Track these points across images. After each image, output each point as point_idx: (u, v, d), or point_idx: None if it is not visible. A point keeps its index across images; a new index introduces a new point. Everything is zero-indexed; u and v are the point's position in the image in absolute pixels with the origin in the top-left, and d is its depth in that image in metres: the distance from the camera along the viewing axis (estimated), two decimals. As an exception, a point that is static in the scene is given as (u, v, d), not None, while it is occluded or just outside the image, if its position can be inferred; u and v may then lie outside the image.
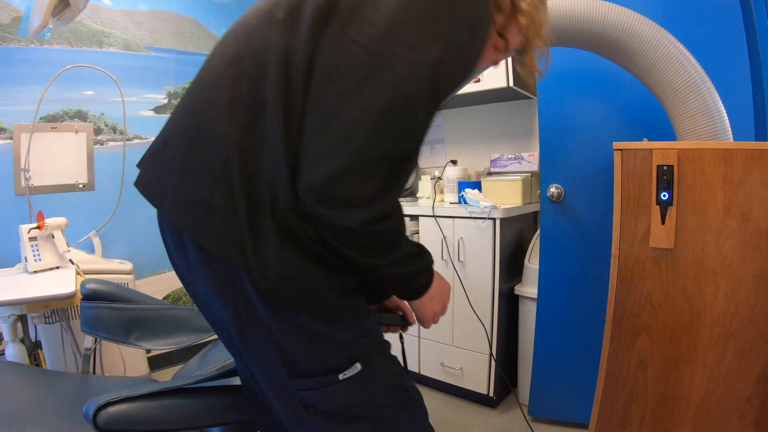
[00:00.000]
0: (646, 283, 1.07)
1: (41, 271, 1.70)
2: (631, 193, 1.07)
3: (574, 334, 1.69)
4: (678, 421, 1.05)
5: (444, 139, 2.55)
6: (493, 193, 1.96)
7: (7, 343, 1.47)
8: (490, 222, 1.78)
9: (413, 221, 2.03)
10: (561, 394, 1.73)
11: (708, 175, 1.00)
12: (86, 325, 1.21)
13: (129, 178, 2.33)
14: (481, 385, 1.87)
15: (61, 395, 1.11)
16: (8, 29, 1.99)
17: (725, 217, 0.99)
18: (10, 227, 1.87)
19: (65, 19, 1.69)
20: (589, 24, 1.14)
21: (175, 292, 2.52)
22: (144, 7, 2.43)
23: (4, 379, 1.14)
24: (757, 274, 0.96)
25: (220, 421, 0.85)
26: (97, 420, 0.69)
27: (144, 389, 0.76)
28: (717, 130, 1.10)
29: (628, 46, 1.13)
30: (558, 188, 1.68)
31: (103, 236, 2.23)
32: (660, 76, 1.13)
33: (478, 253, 1.83)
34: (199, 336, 1.32)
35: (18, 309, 1.45)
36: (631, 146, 1.07)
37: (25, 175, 1.99)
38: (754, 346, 0.97)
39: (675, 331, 1.05)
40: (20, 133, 2.00)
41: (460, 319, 1.91)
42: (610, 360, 1.12)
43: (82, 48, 2.21)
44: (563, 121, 1.67)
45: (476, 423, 1.80)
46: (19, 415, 0.97)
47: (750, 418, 0.99)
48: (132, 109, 2.37)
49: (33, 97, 2.03)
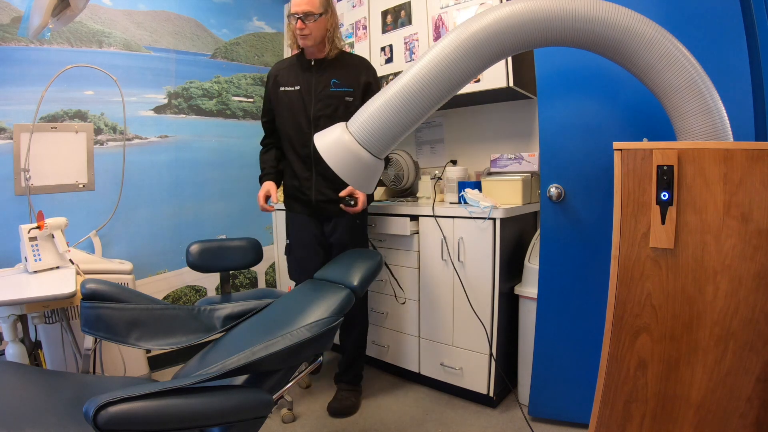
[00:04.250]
0: (646, 283, 1.07)
1: (41, 271, 1.70)
2: (631, 193, 1.07)
3: (574, 334, 1.69)
4: (678, 421, 1.05)
5: (444, 139, 2.55)
6: (493, 193, 1.96)
7: (7, 343, 1.47)
8: (490, 222, 1.78)
9: (413, 221, 2.03)
10: (561, 394, 1.73)
11: (708, 175, 1.00)
12: (86, 325, 1.21)
13: (129, 178, 2.33)
14: (481, 385, 1.87)
15: (61, 395, 1.11)
16: (8, 29, 1.99)
17: (725, 217, 0.98)
18: (10, 227, 1.88)
19: (65, 19, 1.69)
20: (589, 24, 1.13)
21: (175, 292, 2.52)
22: (144, 7, 2.43)
23: (4, 379, 1.14)
24: (757, 274, 0.96)
25: (220, 421, 0.85)
26: (97, 420, 0.69)
27: (144, 389, 0.75)
28: (717, 130, 1.10)
29: (628, 46, 1.13)
30: (558, 188, 1.68)
31: (103, 236, 2.23)
32: (660, 76, 1.13)
33: (478, 253, 1.83)
34: (198, 336, 1.32)
35: (18, 309, 1.45)
36: (631, 146, 1.07)
37: (25, 175, 2.00)
38: (754, 346, 0.97)
39: (675, 331, 1.05)
40: (20, 133, 2.01)
41: (460, 319, 1.91)
42: (610, 360, 1.12)
43: (82, 48, 2.21)
44: (563, 121, 1.67)
45: (476, 423, 1.80)
46: (19, 415, 0.97)
47: (750, 418, 0.99)
48: (132, 109, 2.37)
49: (33, 97, 2.03)
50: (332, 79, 1.82)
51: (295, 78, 1.84)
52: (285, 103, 1.85)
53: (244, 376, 1.04)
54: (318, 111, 1.81)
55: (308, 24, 1.72)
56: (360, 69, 1.87)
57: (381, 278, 2.16)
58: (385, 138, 1.29)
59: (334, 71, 1.83)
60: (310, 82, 1.83)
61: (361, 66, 1.89)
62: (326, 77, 1.82)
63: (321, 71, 1.83)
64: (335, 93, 1.81)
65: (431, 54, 1.22)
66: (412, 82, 1.23)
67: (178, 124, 2.55)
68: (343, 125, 1.34)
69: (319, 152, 1.34)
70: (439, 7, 2.10)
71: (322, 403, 1.96)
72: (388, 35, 2.33)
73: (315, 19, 1.72)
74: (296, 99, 1.83)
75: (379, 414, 1.90)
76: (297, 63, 1.87)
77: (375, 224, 2.13)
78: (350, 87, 1.83)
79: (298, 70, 1.85)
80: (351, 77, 1.84)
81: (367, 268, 1.37)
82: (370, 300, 2.24)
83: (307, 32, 1.73)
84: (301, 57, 1.87)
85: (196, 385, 0.84)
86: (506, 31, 1.18)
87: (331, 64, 1.83)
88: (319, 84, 1.82)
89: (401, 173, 2.40)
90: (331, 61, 1.83)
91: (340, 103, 1.82)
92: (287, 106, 1.85)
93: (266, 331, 1.20)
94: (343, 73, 1.83)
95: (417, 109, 1.25)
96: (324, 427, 1.81)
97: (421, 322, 2.06)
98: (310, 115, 1.82)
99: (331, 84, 1.81)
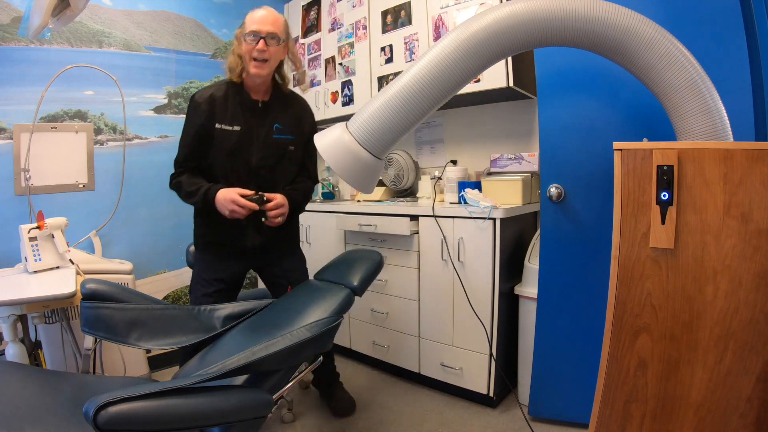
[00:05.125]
0: (646, 283, 1.07)
1: (41, 271, 1.70)
2: (631, 193, 1.07)
3: (574, 334, 1.69)
4: (678, 421, 1.05)
5: (444, 139, 2.55)
6: (493, 193, 1.96)
7: (7, 343, 1.47)
8: (490, 222, 1.78)
9: (413, 221, 2.03)
10: (561, 394, 1.73)
11: (708, 175, 1.00)
12: (86, 325, 1.21)
13: (129, 178, 2.33)
14: (481, 385, 1.87)
15: (61, 395, 1.11)
16: (8, 29, 1.99)
17: (725, 217, 0.99)
18: (10, 227, 1.88)
19: (65, 19, 1.69)
20: (589, 24, 1.14)
21: (175, 292, 2.52)
22: (144, 7, 2.43)
23: (4, 379, 1.14)
24: (757, 274, 0.96)
25: (220, 421, 0.85)
26: (97, 420, 0.69)
27: (144, 389, 0.75)
28: (717, 130, 1.10)
29: (628, 46, 1.13)
30: (558, 188, 1.68)
31: (103, 236, 2.23)
32: (660, 76, 1.13)
33: (478, 253, 1.83)
34: (198, 336, 1.32)
35: (18, 309, 1.45)
36: (631, 146, 1.07)
37: (25, 175, 2.00)
38: (754, 346, 0.97)
39: (675, 331, 1.05)
40: (20, 133, 2.01)
41: (460, 319, 1.91)
42: (610, 360, 1.12)
43: (82, 48, 2.21)
44: (563, 121, 1.67)
45: (476, 423, 1.80)
46: (19, 415, 0.97)
47: (750, 418, 0.99)
48: (132, 109, 2.37)
49: (33, 97, 2.03)
50: (275, 123, 1.60)
51: (233, 116, 1.55)
52: (220, 143, 1.54)
53: (244, 376, 1.04)
54: (261, 161, 1.58)
55: (270, 48, 1.48)
56: (303, 116, 1.69)
57: (381, 278, 2.16)
58: (385, 138, 1.29)
59: (277, 114, 1.61)
60: (252, 126, 1.57)
61: (304, 112, 1.70)
62: (269, 120, 1.60)
63: (264, 112, 1.60)
64: (279, 140, 1.60)
65: (431, 54, 1.22)
66: (412, 82, 1.23)
67: (178, 124, 2.53)
68: (343, 125, 1.34)
69: (319, 152, 1.34)
70: (439, 7, 2.10)
71: (322, 403, 1.96)
72: (388, 35, 2.33)
73: (278, 44, 1.50)
74: (235, 142, 1.54)
75: (379, 414, 1.90)
76: (236, 97, 1.57)
77: (375, 225, 2.13)
78: (292, 135, 1.64)
79: (238, 108, 1.56)
80: (293, 124, 1.64)
81: (367, 268, 1.37)
82: (371, 300, 2.24)
83: (267, 56, 1.48)
84: (241, 91, 1.57)
85: (196, 385, 0.84)
86: (506, 31, 1.18)
87: (273, 104, 1.62)
88: (261, 129, 1.58)
89: (401, 173, 2.40)
90: (273, 99, 1.62)
91: (284, 152, 1.62)
92: (223, 148, 1.54)
93: (266, 331, 1.20)
94: (285, 117, 1.63)
95: (417, 109, 1.25)
96: (324, 427, 1.81)
97: (421, 322, 2.06)
98: (252, 165, 1.57)
99: (273, 129, 1.60)
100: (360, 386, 2.15)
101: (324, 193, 2.91)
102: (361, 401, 1.97)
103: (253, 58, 1.49)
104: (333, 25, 2.64)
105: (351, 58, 2.54)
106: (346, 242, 2.37)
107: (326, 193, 2.89)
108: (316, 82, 2.80)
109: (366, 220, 2.17)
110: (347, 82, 2.57)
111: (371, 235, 2.20)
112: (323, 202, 2.65)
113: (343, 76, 2.59)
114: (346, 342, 2.42)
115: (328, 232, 2.43)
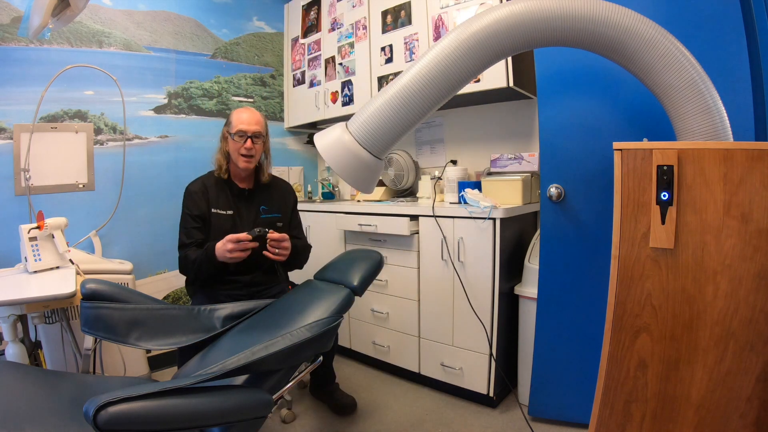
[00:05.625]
0: (646, 283, 1.07)
1: (41, 271, 1.70)
2: (631, 193, 1.07)
3: (574, 334, 1.69)
4: (678, 421, 1.05)
5: (444, 139, 2.55)
6: (493, 193, 1.96)
7: (7, 343, 1.47)
8: (490, 222, 1.78)
9: (413, 221, 2.03)
10: (561, 394, 1.73)
11: (708, 175, 1.00)
12: (86, 325, 1.21)
13: (129, 178, 2.33)
14: (481, 385, 1.87)
15: (61, 395, 1.11)
16: (8, 29, 1.99)
17: (725, 217, 0.99)
18: (10, 227, 1.88)
19: (65, 19, 1.69)
20: (589, 24, 1.14)
21: (175, 292, 2.52)
22: (144, 7, 2.43)
23: (4, 379, 1.14)
24: (757, 274, 0.96)
25: (220, 420, 0.85)
26: (97, 420, 0.69)
27: (144, 389, 0.75)
28: (717, 130, 1.10)
29: (628, 46, 1.13)
30: (558, 188, 1.68)
31: (103, 236, 2.23)
32: (660, 76, 1.13)
33: (478, 253, 1.83)
34: (198, 336, 1.32)
35: (18, 309, 1.45)
36: (631, 146, 1.07)
37: (25, 175, 2.00)
38: (754, 346, 0.97)
39: (675, 331, 1.05)
40: (20, 133, 2.01)
41: (460, 319, 1.91)
42: (610, 360, 1.12)
43: (82, 48, 2.21)
44: (563, 121, 1.67)
45: (476, 423, 1.80)
46: (19, 415, 0.97)
47: (750, 418, 0.99)
48: (132, 109, 2.37)
49: (33, 97, 2.03)
50: (261, 206, 1.80)
51: (225, 202, 1.75)
52: (217, 225, 1.71)
53: (244, 376, 1.04)
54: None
55: (256, 145, 1.70)
56: (285, 195, 1.88)
57: (381, 278, 2.16)
58: (385, 138, 1.29)
59: (261, 198, 1.81)
60: (241, 209, 1.77)
61: (285, 192, 1.90)
62: (255, 205, 1.79)
63: (251, 198, 1.80)
64: (267, 219, 1.79)
65: (431, 54, 1.22)
66: (412, 82, 1.23)
67: (178, 124, 2.55)
68: (343, 125, 1.34)
69: (319, 152, 1.34)
70: (439, 7, 2.10)
71: (322, 403, 1.96)
72: (388, 35, 2.33)
73: (261, 141, 1.73)
74: (230, 224, 1.72)
75: (379, 414, 1.90)
76: (225, 187, 1.77)
77: (375, 225, 2.13)
78: (278, 212, 1.83)
79: (229, 195, 1.77)
80: (278, 203, 1.84)
81: (367, 268, 1.37)
82: (371, 300, 2.24)
83: (254, 152, 1.70)
84: (229, 181, 1.79)
85: (196, 385, 0.84)
86: (506, 31, 1.18)
87: (256, 190, 1.82)
88: (250, 212, 1.78)
89: (401, 173, 2.40)
90: (256, 186, 1.82)
91: (273, 227, 1.72)
92: (220, 229, 1.70)
93: (266, 331, 1.20)
94: (269, 200, 1.82)
95: (417, 109, 1.25)
96: (324, 427, 1.81)
97: (421, 322, 2.06)
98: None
99: (260, 210, 1.80)
100: (360, 386, 2.15)
101: (324, 193, 2.91)
102: (361, 401, 1.97)
103: (242, 155, 1.71)
104: (333, 25, 2.65)
105: (351, 58, 2.54)
106: (346, 242, 2.37)
107: (326, 193, 2.89)
108: (316, 82, 2.80)
109: (366, 220, 2.17)
110: (347, 82, 2.57)
111: (371, 235, 2.20)
112: (323, 202, 2.65)
113: (343, 76, 2.59)
114: (347, 342, 2.42)
115: (328, 232, 2.44)
